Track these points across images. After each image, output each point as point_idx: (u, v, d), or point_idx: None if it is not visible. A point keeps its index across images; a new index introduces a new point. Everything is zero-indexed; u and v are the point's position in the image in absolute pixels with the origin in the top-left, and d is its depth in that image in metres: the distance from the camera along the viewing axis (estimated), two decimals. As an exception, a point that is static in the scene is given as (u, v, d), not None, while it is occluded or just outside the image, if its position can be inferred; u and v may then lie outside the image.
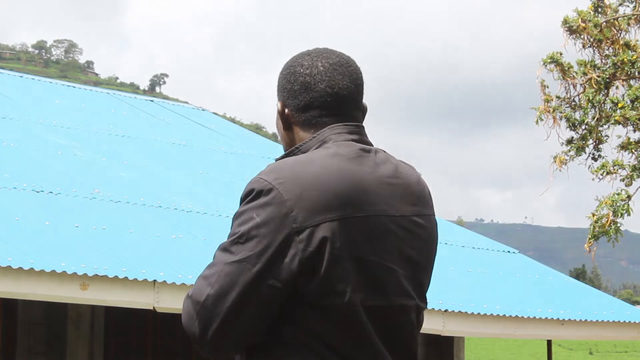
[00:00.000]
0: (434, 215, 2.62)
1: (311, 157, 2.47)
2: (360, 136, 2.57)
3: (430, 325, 11.05)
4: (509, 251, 15.50)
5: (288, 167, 2.43)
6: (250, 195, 2.39)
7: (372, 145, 2.58)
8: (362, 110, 2.65)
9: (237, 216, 2.40)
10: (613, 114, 14.35)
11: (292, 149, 2.57)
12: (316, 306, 2.35)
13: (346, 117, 2.59)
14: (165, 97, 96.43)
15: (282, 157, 2.55)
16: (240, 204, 2.43)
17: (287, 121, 2.60)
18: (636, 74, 14.44)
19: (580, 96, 14.56)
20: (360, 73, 2.65)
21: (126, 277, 9.14)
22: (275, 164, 2.46)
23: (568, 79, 14.46)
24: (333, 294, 2.35)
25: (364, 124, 2.64)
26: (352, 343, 2.38)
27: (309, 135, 2.57)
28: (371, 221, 2.41)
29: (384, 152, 2.59)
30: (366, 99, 2.69)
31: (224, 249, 2.39)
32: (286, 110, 2.60)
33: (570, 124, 14.65)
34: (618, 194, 14.17)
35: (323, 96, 2.57)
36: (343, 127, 2.56)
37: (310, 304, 2.35)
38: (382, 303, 2.43)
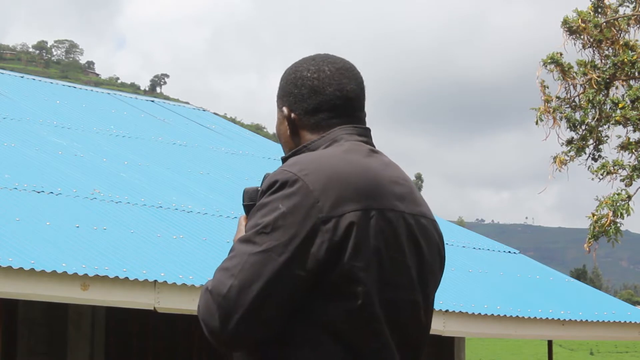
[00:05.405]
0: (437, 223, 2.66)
1: (329, 152, 2.51)
2: (368, 139, 2.63)
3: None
4: (509, 251, 15.50)
5: (311, 160, 2.46)
6: (274, 187, 2.40)
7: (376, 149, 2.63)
8: (365, 114, 2.69)
9: (259, 207, 2.40)
10: (613, 114, 14.36)
11: (299, 147, 2.59)
12: (333, 296, 2.35)
13: (354, 118, 2.64)
14: (166, 98, 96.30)
15: (289, 156, 2.57)
16: (261, 197, 2.42)
17: (294, 125, 2.62)
18: (636, 74, 14.44)
19: (580, 96, 14.56)
20: (362, 77, 2.69)
21: (127, 278, 9.14)
22: (296, 158, 2.49)
23: (568, 79, 14.47)
24: (353, 283, 2.36)
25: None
26: (364, 335, 2.38)
27: (316, 137, 2.59)
28: (388, 215, 2.44)
29: (386, 156, 2.63)
30: (365, 98, 2.71)
31: (246, 240, 2.37)
32: (292, 115, 2.62)
33: (571, 125, 14.65)
34: (618, 194, 14.18)
35: (332, 99, 2.61)
36: (353, 129, 2.60)
37: (328, 294, 2.35)
38: (396, 297, 2.45)
